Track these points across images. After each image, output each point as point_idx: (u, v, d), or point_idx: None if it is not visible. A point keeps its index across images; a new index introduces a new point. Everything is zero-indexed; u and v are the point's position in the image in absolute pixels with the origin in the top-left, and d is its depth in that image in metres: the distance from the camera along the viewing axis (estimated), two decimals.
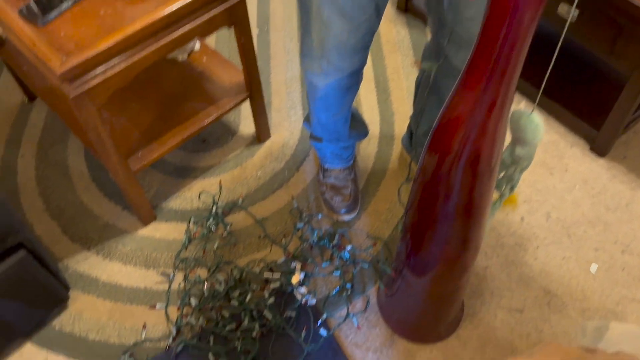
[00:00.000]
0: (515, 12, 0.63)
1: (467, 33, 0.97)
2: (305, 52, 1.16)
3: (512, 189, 0.95)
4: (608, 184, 1.53)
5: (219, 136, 1.68)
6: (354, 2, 0.98)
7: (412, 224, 1.02)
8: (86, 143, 1.40)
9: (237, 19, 1.27)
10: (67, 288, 1.33)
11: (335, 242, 1.41)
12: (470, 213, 0.92)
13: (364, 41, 1.07)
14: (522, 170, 0.92)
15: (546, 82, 0.83)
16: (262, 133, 1.64)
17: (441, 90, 1.17)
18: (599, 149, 1.59)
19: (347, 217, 1.47)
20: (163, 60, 1.54)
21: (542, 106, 1.69)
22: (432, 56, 1.15)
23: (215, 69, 1.55)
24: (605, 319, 1.29)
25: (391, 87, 1.79)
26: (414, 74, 1.82)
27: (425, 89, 1.24)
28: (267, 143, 1.65)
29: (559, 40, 0.74)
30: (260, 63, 1.85)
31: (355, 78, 1.18)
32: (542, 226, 1.46)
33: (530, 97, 1.70)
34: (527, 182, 1.54)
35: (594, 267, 1.38)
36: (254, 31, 1.98)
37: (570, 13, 1.41)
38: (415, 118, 1.36)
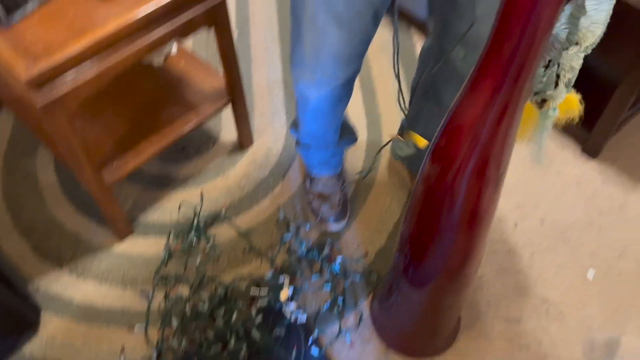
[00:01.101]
0: (533, 9, 0.57)
1: (475, 34, 0.91)
2: (296, 62, 1.09)
3: (568, 84, 0.69)
4: (601, 186, 1.50)
5: (199, 144, 1.59)
6: (352, 9, 0.92)
7: (412, 235, 0.96)
8: (57, 154, 1.31)
9: (217, 19, 1.20)
10: (37, 311, 1.23)
11: (324, 253, 1.34)
12: (475, 224, 0.87)
13: (360, 49, 1.01)
14: (586, 51, 0.66)
15: None
16: (244, 139, 1.56)
17: (441, 96, 1.12)
18: (591, 150, 1.56)
19: (336, 227, 1.40)
20: (138, 64, 1.46)
21: None
22: (431, 59, 1.09)
23: (193, 73, 1.47)
24: (605, 327, 1.25)
25: (377, 88, 1.73)
26: (401, 75, 1.77)
27: (422, 93, 1.18)
28: (251, 150, 1.58)
29: None
30: (241, 66, 1.77)
31: (348, 87, 1.12)
32: (537, 232, 1.42)
33: None
34: (519, 187, 1.50)
35: (591, 273, 1.35)
36: (234, 33, 1.90)
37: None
38: (409, 124, 1.30)
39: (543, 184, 1.51)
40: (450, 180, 0.80)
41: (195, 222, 1.40)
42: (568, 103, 0.70)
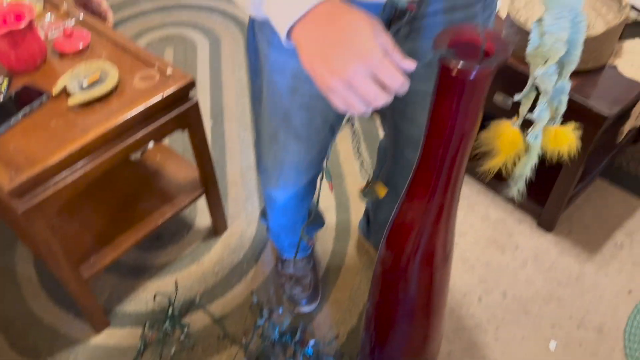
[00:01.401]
0: (451, 136, 0.67)
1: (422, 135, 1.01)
2: (262, 170, 1.18)
3: (557, 109, 0.65)
4: (557, 259, 1.59)
5: (174, 231, 1.66)
6: (309, 126, 1.00)
7: (375, 317, 1.02)
8: (35, 253, 1.36)
9: (190, 121, 1.29)
10: None
11: (297, 337, 1.39)
12: (430, 308, 0.94)
13: (321, 155, 1.10)
14: (562, 75, 0.64)
15: None
16: (218, 225, 1.63)
17: (397, 187, 1.21)
18: (546, 224, 1.66)
19: (308, 308, 1.45)
20: None
21: (488, 185, 1.76)
22: (388, 153, 1.18)
23: (169, 166, 1.55)
24: None
25: (345, 172, 1.83)
26: (364, 157, 1.88)
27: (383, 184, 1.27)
28: (225, 235, 1.64)
29: None
30: (215, 154, 1.87)
31: (312, 185, 1.20)
32: (500, 305, 1.48)
33: (477, 178, 1.77)
34: (481, 261, 1.57)
35: (552, 345, 1.41)
36: (208, 123, 2.01)
37: (505, 101, 1.51)
38: (372, 205, 1.39)
39: (503, 258, 1.59)
40: (402, 267, 0.88)
41: (170, 311, 1.44)
42: (559, 135, 0.67)
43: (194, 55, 2.31)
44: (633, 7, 1.54)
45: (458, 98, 0.64)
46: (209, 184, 1.49)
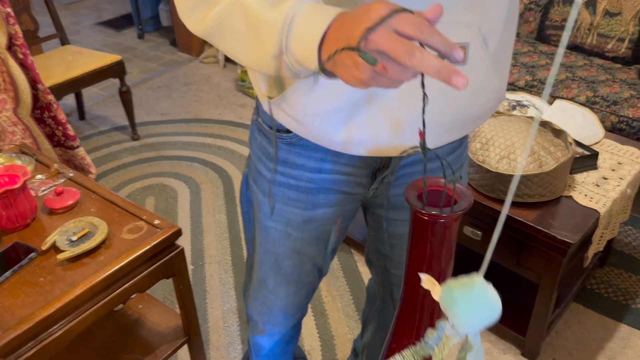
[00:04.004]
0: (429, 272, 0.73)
1: None
2: (250, 316, 1.20)
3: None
4: None
5: None
6: (299, 270, 1.04)
7: None
8: None
9: (176, 269, 1.33)
10: None
11: None
12: None
13: (308, 298, 1.14)
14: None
15: None
16: None
17: (387, 327, 1.23)
18: (529, 353, 1.67)
19: None
20: None
21: None
22: (378, 294, 1.22)
23: (151, 315, 1.54)
24: None
25: (327, 309, 1.84)
26: (347, 295, 1.90)
27: (375, 327, 1.29)
28: None
29: (472, 256, 0.84)
30: (196, 300, 1.87)
31: (298, 328, 1.22)
32: None
33: None
34: None
35: None
36: (189, 269, 2.03)
37: (475, 234, 1.60)
38: (361, 346, 1.39)
39: None
40: None
41: None
42: None
43: (175, 202, 2.40)
44: (578, 144, 1.71)
45: (431, 238, 0.70)
46: (191, 331, 1.47)
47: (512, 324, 1.70)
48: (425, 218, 0.68)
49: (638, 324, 1.78)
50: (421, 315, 0.77)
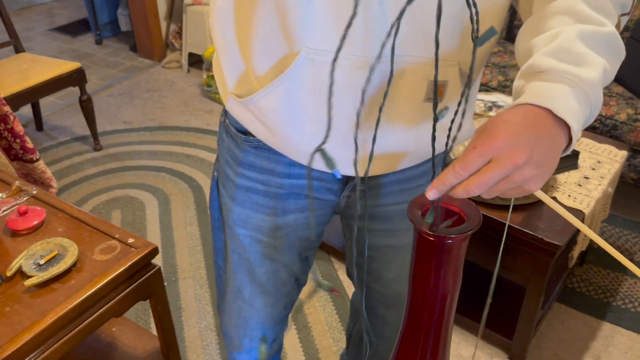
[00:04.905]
0: (435, 297, 0.68)
1: (392, 291, 1.02)
2: (226, 332, 1.13)
3: None
4: None
5: None
6: (275, 280, 1.00)
7: None
8: None
9: (153, 290, 1.24)
10: None
11: None
12: None
13: (286, 310, 1.09)
14: None
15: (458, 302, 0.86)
16: None
17: (374, 343, 1.19)
18: (516, 356, 1.65)
19: None
20: None
21: (457, 323, 1.76)
22: (360, 312, 1.17)
23: (126, 338, 1.45)
24: None
25: (310, 323, 1.78)
26: (329, 305, 1.84)
27: (357, 340, 1.24)
28: None
29: None
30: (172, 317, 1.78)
31: (279, 342, 1.16)
32: None
33: None
34: None
35: None
36: None
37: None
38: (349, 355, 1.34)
39: None
40: None
41: None
42: None
43: (143, 215, 2.29)
44: None
45: (437, 260, 0.65)
46: (171, 355, 1.39)
47: (498, 327, 1.68)
48: (431, 239, 0.63)
49: (620, 322, 1.79)
50: (426, 337, 0.72)
